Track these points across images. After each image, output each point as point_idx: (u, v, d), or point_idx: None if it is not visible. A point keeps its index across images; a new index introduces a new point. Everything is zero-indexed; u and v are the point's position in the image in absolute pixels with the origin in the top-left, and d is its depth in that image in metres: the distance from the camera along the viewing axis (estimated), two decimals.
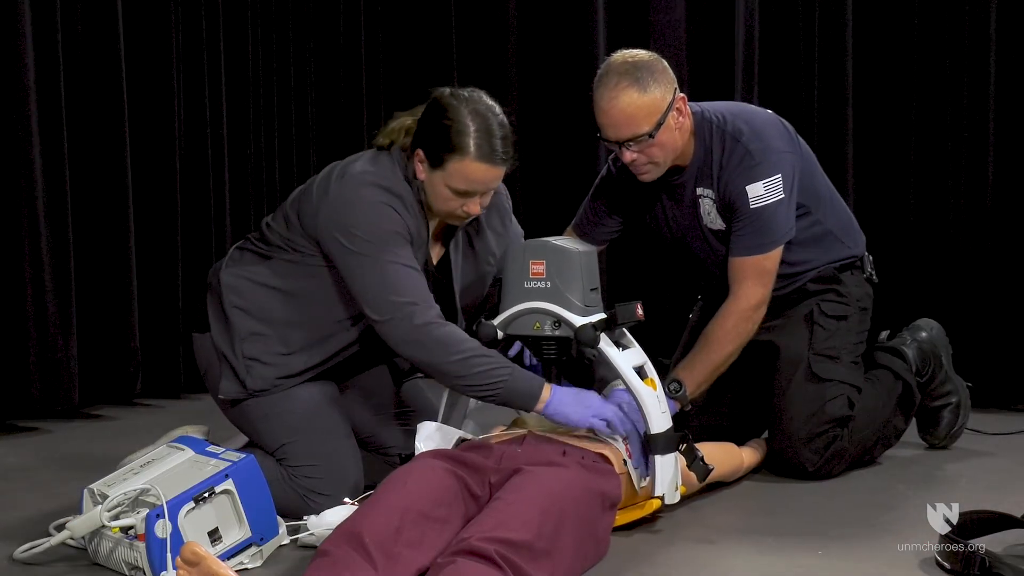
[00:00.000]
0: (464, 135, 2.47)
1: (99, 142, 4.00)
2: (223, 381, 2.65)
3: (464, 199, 2.53)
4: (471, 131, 2.48)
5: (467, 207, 2.54)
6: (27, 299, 3.72)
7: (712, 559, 2.32)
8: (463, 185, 2.50)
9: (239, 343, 2.63)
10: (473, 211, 2.56)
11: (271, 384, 2.63)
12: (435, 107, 2.53)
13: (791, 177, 2.87)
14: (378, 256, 2.47)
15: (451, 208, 2.55)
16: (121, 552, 2.22)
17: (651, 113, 2.76)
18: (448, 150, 2.48)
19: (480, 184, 2.51)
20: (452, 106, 2.50)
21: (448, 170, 2.49)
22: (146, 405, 4.13)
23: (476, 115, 2.50)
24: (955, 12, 3.92)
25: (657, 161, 2.84)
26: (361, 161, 2.60)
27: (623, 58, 2.81)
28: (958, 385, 3.25)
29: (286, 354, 2.63)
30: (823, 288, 3.04)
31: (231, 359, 2.64)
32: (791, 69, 4.19)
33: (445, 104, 2.51)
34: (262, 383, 2.63)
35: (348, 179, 2.54)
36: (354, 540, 1.98)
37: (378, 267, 2.47)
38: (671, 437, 2.47)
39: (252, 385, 2.63)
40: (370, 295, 2.49)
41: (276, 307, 2.64)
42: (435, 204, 2.57)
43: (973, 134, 3.91)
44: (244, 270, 2.68)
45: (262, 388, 2.63)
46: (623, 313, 2.46)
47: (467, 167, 2.48)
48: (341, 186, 2.54)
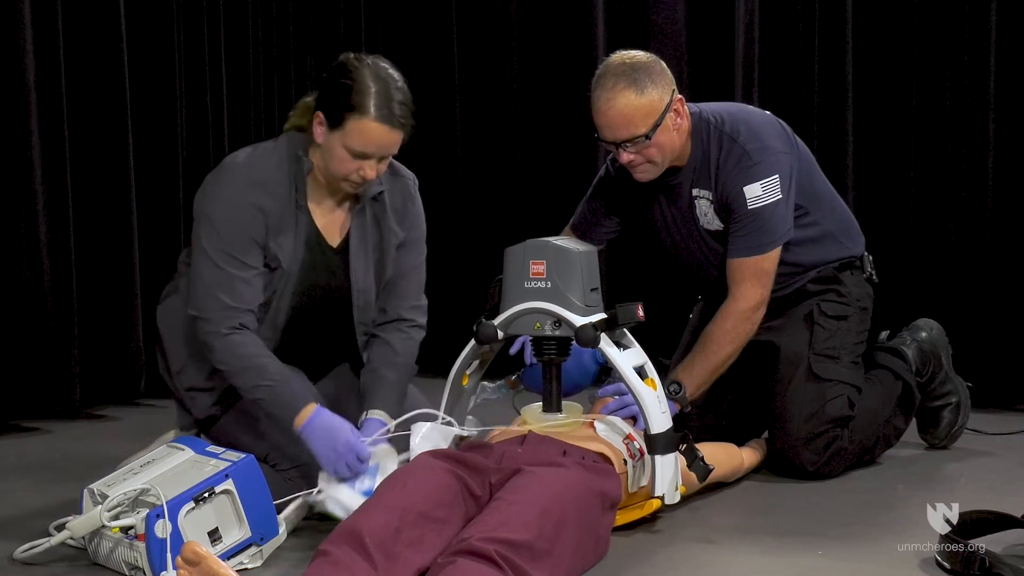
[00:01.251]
0: (365, 95, 2.49)
1: (101, 141, 4.00)
2: (179, 418, 2.73)
3: (360, 162, 2.53)
4: (372, 92, 2.49)
5: (363, 171, 2.54)
6: (27, 298, 3.73)
7: (712, 559, 2.32)
8: (360, 145, 2.50)
9: (176, 378, 2.70)
10: (369, 176, 2.55)
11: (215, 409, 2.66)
12: (338, 68, 2.55)
13: (788, 177, 2.88)
14: (203, 253, 2.55)
15: (347, 171, 2.54)
16: (121, 552, 2.22)
17: (648, 114, 2.76)
18: (348, 109, 2.49)
19: (375, 146, 2.51)
20: (355, 67, 2.52)
21: (347, 129, 2.49)
22: (149, 405, 4.12)
23: (378, 78, 2.51)
24: (955, 12, 3.92)
25: (655, 162, 2.84)
26: (243, 150, 2.67)
27: (620, 59, 2.81)
28: (958, 385, 3.25)
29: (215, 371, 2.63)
30: (823, 288, 3.04)
31: (177, 393, 2.72)
32: (791, 69, 4.19)
33: (349, 66, 2.53)
34: (205, 410, 2.67)
35: (218, 169, 2.63)
36: (354, 540, 1.98)
37: (198, 263, 2.56)
38: (671, 437, 2.47)
39: (198, 414, 2.68)
40: (191, 289, 2.58)
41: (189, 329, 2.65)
42: (331, 167, 2.56)
43: (973, 134, 3.91)
44: (167, 305, 2.76)
45: (207, 415, 2.67)
46: (624, 314, 2.46)
47: (366, 126, 2.49)
48: (211, 175, 2.63)
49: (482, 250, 4.35)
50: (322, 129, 2.55)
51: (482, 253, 4.29)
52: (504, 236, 3.14)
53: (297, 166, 2.60)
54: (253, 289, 2.57)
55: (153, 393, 4.16)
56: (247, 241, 2.55)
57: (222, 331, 2.53)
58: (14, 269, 3.71)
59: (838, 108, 4.09)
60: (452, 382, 2.63)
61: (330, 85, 2.54)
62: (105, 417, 3.95)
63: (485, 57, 4.68)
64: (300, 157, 2.60)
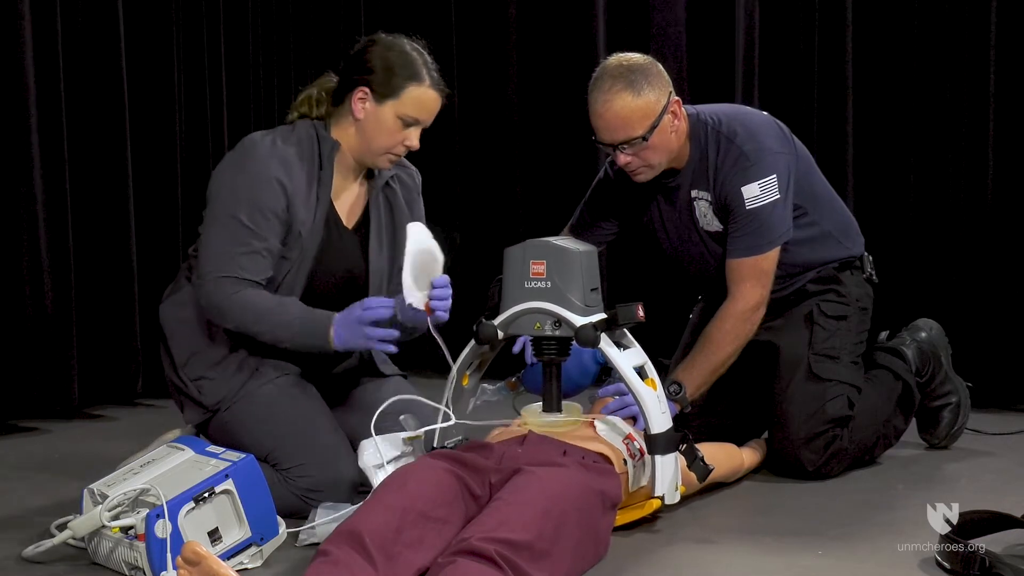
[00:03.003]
0: (418, 65, 2.66)
1: (100, 142, 4.00)
2: (186, 411, 2.71)
3: (407, 132, 2.66)
4: (419, 62, 2.67)
5: (408, 140, 2.68)
6: (26, 298, 3.73)
7: (712, 559, 2.32)
8: (416, 112, 2.65)
9: (182, 370, 2.69)
10: (414, 144, 2.69)
11: (224, 392, 2.66)
12: (381, 45, 2.69)
13: (786, 177, 2.88)
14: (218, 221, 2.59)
15: (392, 143, 2.67)
16: (121, 552, 2.22)
17: (645, 116, 2.77)
18: (407, 77, 2.64)
19: (428, 112, 2.68)
20: (393, 42, 2.69)
21: (403, 98, 2.63)
22: (147, 405, 4.13)
23: (415, 50, 2.70)
24: (955, 12, 3.92)
25: (651, 163, 2.85)
26: (259, 132, 2.71)
27: (617, 61, 2.81)
28: (958, 385, 3.25)
29: (221, 359, 2.66)
30: (823, 288, 3.04)
31: (182, 387, 2.70)
32: (791, 69, 4.19)
33: (387, 42, 2.69)
34: (216, 395, 2.67)
35: (237, 149, 2.67)
36: (354, 540, 1.98)
37: (209, 231, 2.60)
38: (671, 437, 2.47)
39: (209, 401, 2.67)
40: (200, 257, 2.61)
41: (197, 317, 2.68)
42: (376, 140, 2.67)
43: (973, 134, 3.91)
44: (171, 300, 2.77)
45: (218, 399, 2.66)
46: (624, 314, 2.46)
47: (424, 94, 2.65)
48: (228, 155, 2.68)
49: (482, 250, 4.35)
50: (364, 104, 2.65)
51: (482, 253, 4.28)
52: (504, 236, 3.15)
53: (321, 146, 2.68)
54: (263, 263, 2.61)
55: (151, 393, 4.16)
56: (266, 213, 2.60)
57: (230, 293, 2.57)
58: (13, 269, 3.71)
59: (838, 108, 4.10)
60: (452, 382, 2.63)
61: (376, 60, 2.66)
62: (104, 417, 3.95)
63: (485, 58, 4.68)
64: (326, 137, 2.69)
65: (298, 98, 2.78)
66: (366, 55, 2.68)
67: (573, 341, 2.47)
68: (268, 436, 2.61)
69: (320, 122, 2.72)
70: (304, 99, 2.77)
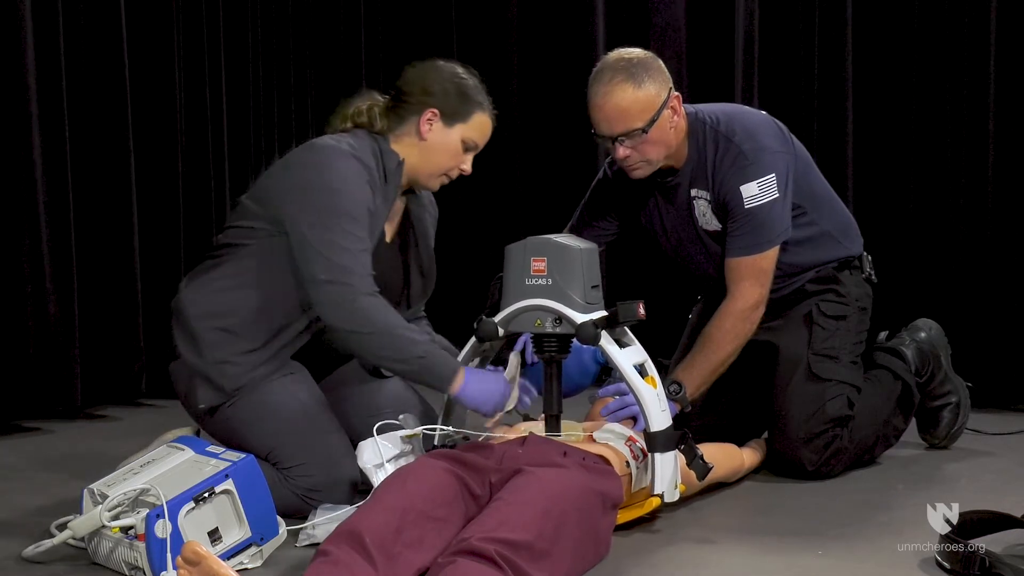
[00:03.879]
0: (483, 93, 2.77)
1: (102, 142, 4.01)
2: (199, 392, 2.66)
3: (466, 156, 2.76)
4: (484, 91, 2.78)
5: (464, 164, 2.77)
6: (28, 298, 3.73)
7: (712, 559, 2.32)
8: (479, 138, 2.76)
9: (207, 350, 2.65)
10: (467, 169, 2.78)
11: (246, 379, 2.64)
12: (447, 70, 2.77)
13: (785, 176, 2.88)
14: (334, 219, 2.56)
15: (450, 166, 2.75)
16: (121, 552, 2.22)
17: (645, 108, 2.77)
18: (477, 103, 2.74)
19: (485, 139, 2.79)
20: (463, 69, 2.78)
21: (471, 123, 2.74)
22: (150, 405, 4.13)
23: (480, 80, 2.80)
24: (955, 12, 3.92)
25: (649, 158, 2.85)
26: (329, 136, 2.72)
27: (618, 55, 2.82)
28: (958, 385, 3.25)
29: (255, 348, 2.64)
30: (822, 288, 3.04)
31: (202, 369, 2.66)
32: (791, 69, 4.19)
33: (454, 69, 2.77)
34: (237, 380, 2.64)
35: (319, 147, 2.65)
36: (354, 540, 1.98)
37: (331, 230, 2.56)
38: (671, 435, 2.47)
39: (229, 385, 2.64)
40: (318, 256, 2.55)
41: (234, 304, 2.66)
42: (434, 162, 2.74)
43: (973, 134, 3.91)
44: (201, 281, 2.73)
45: (239, 386, 2.63)
46: (624, 312, 2.46)
47: (487, 120, 2.77)
48: (311, 153, 2.66)
49: (482, 248, 4.35)
50: (432, 126, 2.72)
51: (482, 251, 4.29)
52: (504, 235, 3.14)
53: (386, 161, 2.71)
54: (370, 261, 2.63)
55: (154, 393, 4.17)
56: (368, 215, 2.62)
57: (367, 291, 2.55)
58: (16, 269, 3.71)
59: (838, 108, 4.10)
60: None
61: (444, 85, 2.73)
62: (106, 417, 3.96)
63: (485, 57, 4.67)
64: (390, 153, 2.72)
65: (349, 109, 2.78)
66: (434, 78, 2.74)
67: (574, 338, 2.48)
68: (271, 434, 2.61)
69: (381, 137, 2.74)
70: (363, 110, 2.76)
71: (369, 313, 2.53)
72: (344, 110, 2.79)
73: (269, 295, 2.65)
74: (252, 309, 2.65)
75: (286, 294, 2.64)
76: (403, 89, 2.76)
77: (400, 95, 2.76)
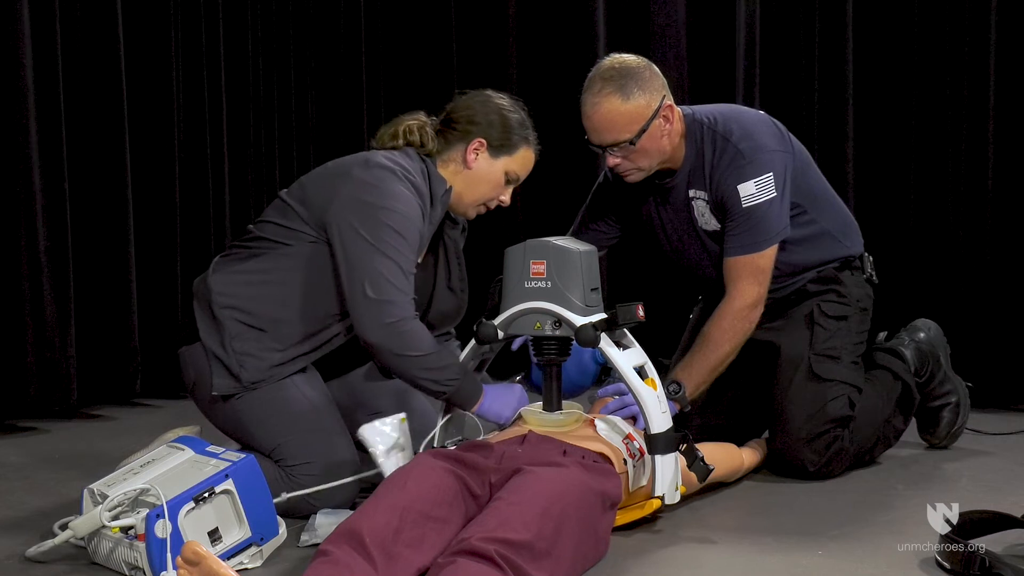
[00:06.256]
0: (527, 127, 2.79)
1: (98, 142, 4.01)
2: (215, 378, 2.64)
3: (508, 188, 2.79)
4: (529, 125, 2.79)
5: (504, 196, 2.80)
6: (24, 298, 3.73)
7: (712, 559, 2.32)
8: (521, 171, 2.79)
9: (229, 340, 2.64)
10: (506, 202, 2.82)
11: (265, 375, 2.63)
12: (491, 102, 2.78)
13: (783, 175, 2.88)
14: (386, 242, 2.56)
15: (490, 196, 2.78)
16: (121, 552, 2.22)
17: (633, 121, 2.77)
18: (523, 137, 2.76)
19: (527, 173, 2.82)
20: (504, 103, 2.78)
21: (516, 156, 2.76)
22: (145, 405, 4.13)
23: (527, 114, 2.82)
24: (955, 12, 3.92)
25: (641, 166, 2.86)
26: (383, 154, 2.70)
27: (611, 63, 2.82)
28: (957, 385, 3.25)
29: (281, 349, 2.64)
30: (823, 288, 3.04)
31: (223, 357, 2.64)
32: (791, 69, 4.19)
33: (503, 102, 2.79)
34: (256, 375, 2.63)
35: (375, 165, 2.64)
36: (354, 540, 1.98)
37: (383, 252, 2.55)
38: (671, 437, 2.47)
39: (247, 378, 2.62)
40: (368, 273, 2.54)
41: (267, 301, 2.65)
42: (476, 191, 2.76)
43: (973, 134, 3.91)
44: (233, 269, 2.70)
45: (257, 380, 2.63)
46: (624, 314, 2.46)
47: (531, 155, 2.79)
48: (368, 170, 2.63)
49: (482, 251, 4.35)
50: (478, 155, 2.74)
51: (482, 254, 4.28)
52: (504, 236, 3.14)
53: (434, 185, 2.71)
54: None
55: (149, 393, 4.17)
56: (418, 238, 2.64)
57: (412, 315, 2.57)
58: (12, 269, 3.71)
59: (838, 108, 4.10)
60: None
61: (491, 115, 2.75)
62: (102, 417, 3.95)
63: (484, 57, 4.68)
64: (439, 178, 2.72)
65: (401, 126, 2.76)
66: (484, 109, 2.75)
67: (573, 341, 2.47)
68: (279, 431, 2.61)
69: (429, 159, 2.74)
70: (414, 129, 2.75)
71: (415, 337, 2.55)
72: (396, 127, 2.77)
73: (304, 300, 2.65)
74: (284, 310, 2.64)
75: (320, 301, 2.64)
76: (452, 116, 2.77)
77: (449, 121, 2.77)
